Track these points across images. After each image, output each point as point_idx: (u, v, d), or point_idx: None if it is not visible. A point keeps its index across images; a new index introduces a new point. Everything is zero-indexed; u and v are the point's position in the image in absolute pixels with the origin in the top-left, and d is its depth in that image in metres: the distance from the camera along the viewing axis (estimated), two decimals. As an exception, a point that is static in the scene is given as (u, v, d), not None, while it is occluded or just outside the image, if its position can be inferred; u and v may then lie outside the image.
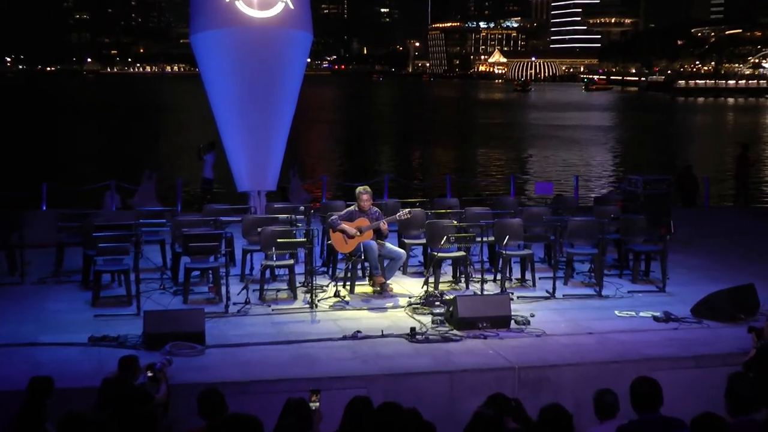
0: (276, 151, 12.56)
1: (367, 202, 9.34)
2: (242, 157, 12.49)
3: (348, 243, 9.29)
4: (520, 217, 10.38)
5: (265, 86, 11.99)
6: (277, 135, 12.46)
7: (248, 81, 11.90)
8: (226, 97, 12.18)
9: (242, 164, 12.55)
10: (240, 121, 12.21)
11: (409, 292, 9.26)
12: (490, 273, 9.96)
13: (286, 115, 12.59)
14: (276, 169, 12.85)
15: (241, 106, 12.06)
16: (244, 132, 12.26)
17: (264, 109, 12.08)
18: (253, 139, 12.25)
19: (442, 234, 9.32)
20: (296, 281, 9.11)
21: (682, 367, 6.99)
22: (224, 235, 9.42)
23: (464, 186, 22.36)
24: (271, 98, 12.08)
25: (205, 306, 8.14)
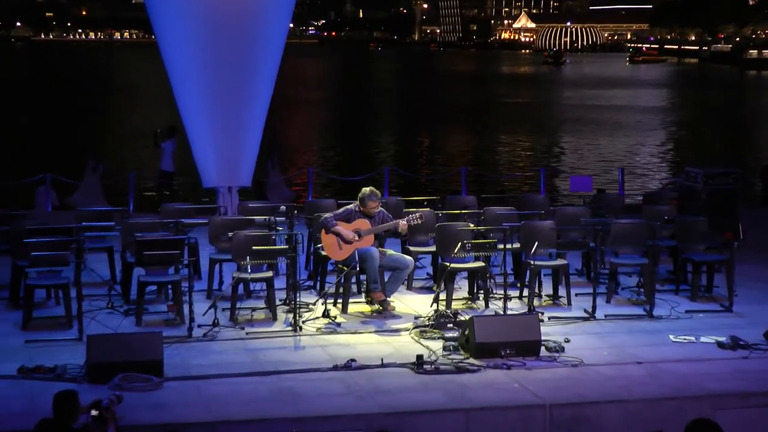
0: (251, 137, 12.61)
1: (375, 209, 9.39)
2: (209, 145, 12.53)
3: (343, 249, 9.32)
4: (551, 219, 10.42)
5: (237, 58, 11.99)
6: (253, 118, 12.51)
7: (216, 51, 11.91)
8: (189, 71, 12.19)
9: (209, 154, 12.59)
10: (206, 100, 12.24)
11: (416, 312, 9.29)
12: (515, 288, 9.97)
13: (264, 93, 12.62)
14: (251, 159, 12.90)
15: (208, 82, 12.08)
16: (211, 114, 12.30)
17: (236, 85, 12.12)
18: (222, 123, 12.30)
19: (456, 240, 9.34)
20: (276, 298, 9.14)
21: (752, 405, 7.01)
22: (187, 242, 9.44)
23: (483, 181, 22.41)
24: (244, 72, 12.10)
25: (164, 329, 8.16)
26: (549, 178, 20.35)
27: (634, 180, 24.77)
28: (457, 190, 16.54)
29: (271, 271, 9.30)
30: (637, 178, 25.35)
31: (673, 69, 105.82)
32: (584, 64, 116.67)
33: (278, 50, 12.43)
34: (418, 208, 10.82)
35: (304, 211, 11.44)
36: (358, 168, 23.23)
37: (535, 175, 19.65)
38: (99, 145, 31.47)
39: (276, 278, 9.51)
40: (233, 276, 9.11)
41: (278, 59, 12.56)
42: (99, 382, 6.98)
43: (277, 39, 12.37)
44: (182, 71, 12.26)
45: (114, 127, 39.13)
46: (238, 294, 9.19)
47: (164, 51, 12.36)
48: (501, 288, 9.18)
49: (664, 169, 28.10)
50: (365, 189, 9.44)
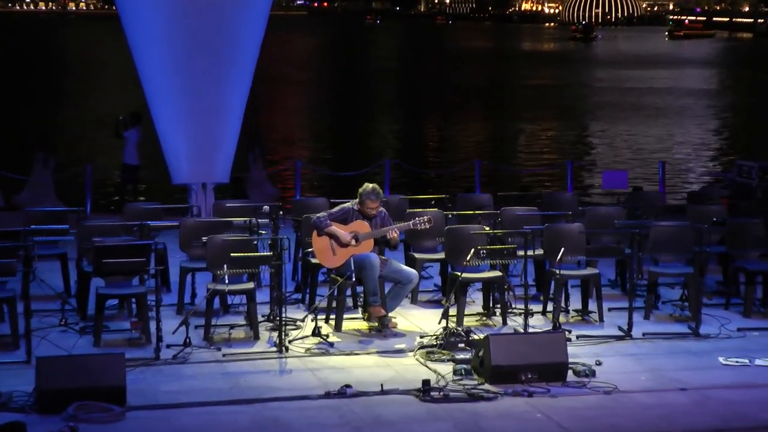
0: (229, 126, 12.66)
1: (374, 209, 9.42)
2: (180, 135, 12.59)
3: (337, 255, 9.33)
4: (580, 222, 10.43)
5: (213, 32, 12.03)
6: (231, 103, 12.57)
7: (188, 24, 11.95)
8: (157, 48, 12.22)
9: (180, 145, 12.64)
10: (176, 82, 12.28)
11: (421, 329, 9.30)
12: (538, 302, 9.99)
13: (243, 74, 12.66)
14: (229, 151, 12.93)
15: (178, 61, 12.13)
16: (182, 98, 12.35)
17: (211, 64, 12.14)
18: (195, 109, 12.36)
19: (469, 246, 9.34)
20: (258, 314, 9.15)
21: (815, 439, 7.05)
22: (154, 248, 9.43)
23: (500, 176, 22.41)
24: (221, 49, 12.15)
25: (127, 350, 8.16)
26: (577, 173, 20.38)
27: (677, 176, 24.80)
28: (470, 187, 16.54)
29: (252, 282, 9.31)
30: (680, 174, 25.37)
31: (723, 45, 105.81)
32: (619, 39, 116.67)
33: (260, 26, 12.47)
34: (425, 209, 10.83)
35: (291, 212, 11.45)
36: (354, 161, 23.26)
37: (561, 170, 19.64)
38: (51, 134, 31.44)
39: (258, 290, 9.51)
40: (208, 288, 9.10)
41: (260, 35, 12.59)
42: (51, 413, 6.98)
43: (259, 12, 12.41)
44: (149, 48, 12.27)
45: (68, 112, 39.09)
46: (214, 309, 9.19)
47: (127, 25, 12.39)
48: (521, 302, 9.19)
49: (712, 163, 28.11)
50: (367, 185, 9.46)
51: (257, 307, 9.11)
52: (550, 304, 9.60)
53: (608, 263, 10.91)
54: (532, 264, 10.52)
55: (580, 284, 10.05)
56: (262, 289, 10.20)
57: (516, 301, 9.69)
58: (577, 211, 11.28)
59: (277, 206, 9.99)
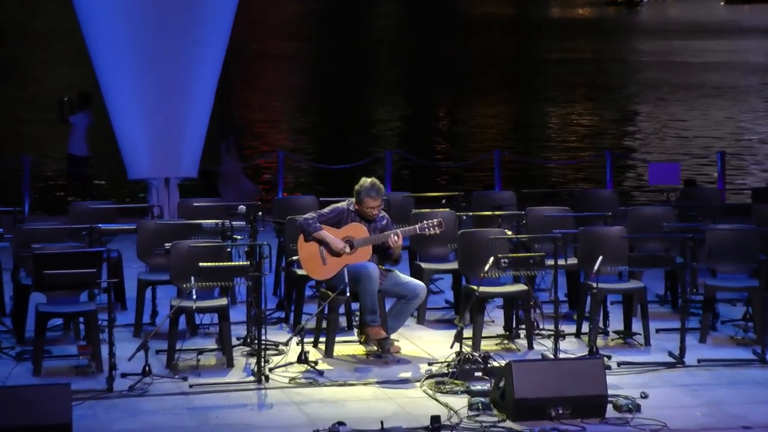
0: (197, 110, 12.73)
1: (375, 209, 9.39)
2: (139, 121, 12.66)
3: (328, 264, 9.33)
4: (622, 225, 10.43)
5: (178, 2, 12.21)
6: (199, 83, 12.67)
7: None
8: (112, 18, 12.31)
9: (138, 133, 12.67)
10: (135, 58, 12.38)
11: (429, 355, 9.31)
12: (571, 322, 9.99)
13: (214, 49, 12.72)
14: (197, 141, 12.96)
15: (137, 34, 12.26)
16: (141, 77, 12.45)
17: (176, 38, 12.29)
18: (157, 90, 12.47)
19: (487, 254, 9.32)
20: (232, 336, 9.13)
21: None
22: (106, 256, 9.43)
23: (524, 169, 22.39)
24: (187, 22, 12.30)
25: (74, 380, 8.16)
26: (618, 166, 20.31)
27: (739, 169, 24.76)
28: (489, 183, 16.52)
29: (225, 297, 9.32)
30: (743, 167, 25.32)
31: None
32: (667, 4, 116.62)
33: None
34: (434, 209, 10.83)
35: (273, 213, 11.47)
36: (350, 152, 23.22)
37: (598, 162, 19.61)
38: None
39: (232, 308, 9.52)
40: (172, 305, 9.10)
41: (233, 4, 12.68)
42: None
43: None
44: (101, 18, 12.35)
45: (1, 93, 39.09)
46: (179, 330, 9.18)
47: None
48: (550, 321, 9.18)
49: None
50: (365, 180, 9.44)
51: (231, 328, 9.09)
52: (586, 324, 9.59)
53: (656, 275, 10.88)
54: (564, 276, 10.51)
55: (621, 300, 10.04)
56: (238, 306, 10.20)
57: (544, 321, 9.67)
58: (617, 212, 11.29)
59: (255, 206, 10.00)
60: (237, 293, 10.50)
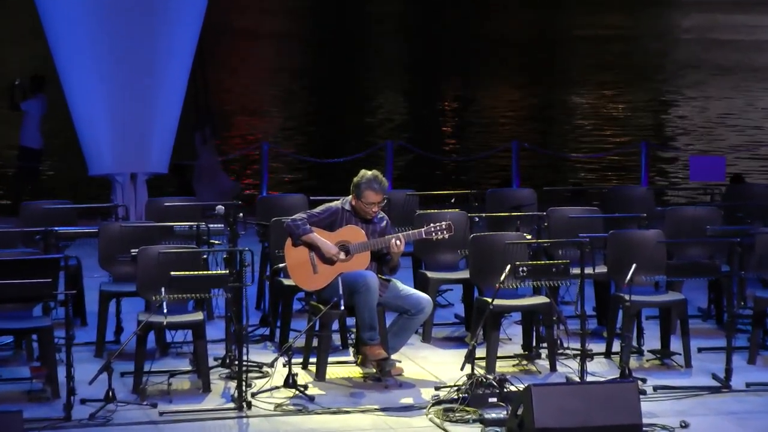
0: (168, 96, 12.80)
1: (375, 206, 9.38)
2: (101, 108, 12.71)
3: (319, 272, 9.31)
4: (659, 228, 10.40)
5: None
6: (171, 65, 12.76)
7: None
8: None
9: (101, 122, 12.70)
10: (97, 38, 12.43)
11: (437, 378, 9.32)
12: (600, 339, 9.97)
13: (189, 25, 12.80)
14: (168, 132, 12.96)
15: (100, 10, 12.37)
16: (104, 59, 12.52)
17: (143, 15, 12.39)
18: (122, 74, 12.55)
19: (503, 261, 9.33)
20: (209, 356, 9.13)
21: None
22: (63, 264, 9.41)
23: (546, 163, 22.37)
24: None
25: (26, 406, 8.13)
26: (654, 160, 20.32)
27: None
28: (505, 179, 16.51)
29: (200, 311, 9.29)
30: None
31: None
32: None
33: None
34: (441, 209, 10.82)
35: (256, 214, 11.46)
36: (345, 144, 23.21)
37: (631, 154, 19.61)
38: None
39: (209, 324, 9.51)
40: (139, 320, 9.08)
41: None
42: None
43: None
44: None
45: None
46: (148, 350, 9.14)
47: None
48: (576, 339, 9.17)
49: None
50: (365, 172, 9.42)
51: (208, 347, 9.07)
52: (617, 342, 9.56)
53: (698, 286, 10.85)
54: (592, 286, 10.49)
55: (658, 315, 10.03)
56: (215, 321, 10.19)
57: (569, 339, 9.65)
58: (654, 213, 11.29)
59: (235, 205, 9.97)
60: (214, 307, 10.48)
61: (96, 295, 9.98)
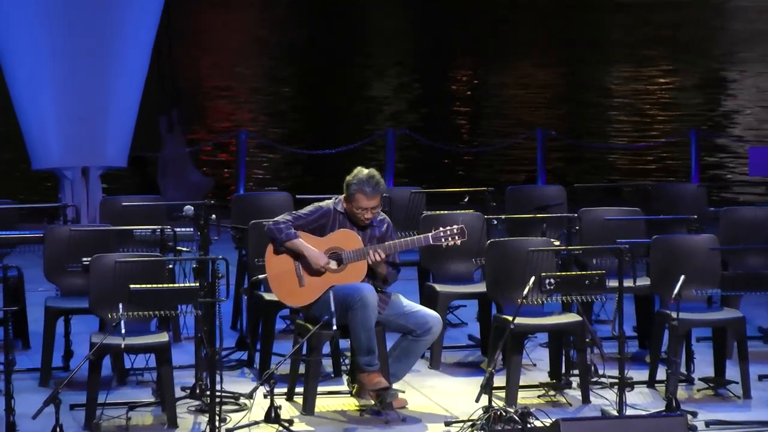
0: (126, 76, 12.91)
1: (368, 212, 9.36)
2: (48, 93, 12.81)
3: (307, 285, 9.33)
4: (712, 232, 10.42)
5: None
6: (130, 39, 12.87)
7: None
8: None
9: (47, 107, 12.79)
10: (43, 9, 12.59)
11: (447, 411, 9.33)
12: (642, 365, 9.98)
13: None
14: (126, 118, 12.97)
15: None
16: (52, 32, 12.63)
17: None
18: (72, 52, 12.67)
19: (526, 271, 9.34)
20: (175, 385, 9.13)
21: None
22: (2, 275, 9.44)
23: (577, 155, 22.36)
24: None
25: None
26: (706, 150, 20.29)
27: None
28: (529, 176, 16.51)
29: (165, 332, 9.28)
30: None
31: None
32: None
33: None
34: (452, 210, 10.82)
35: (232, 215, 11.50)
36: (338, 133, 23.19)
37: (678, 145, 19.61)
38: None
39: (176, 346, 9.52)
40: (92, 342, 9.04)
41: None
42: None
43: None
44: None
45: None
46: (103, 378, 9.14)
47: None
48: (613, 364, 9.17)
49: None
50: (360, 170, 9.40)
51: (174, 375, 9.06)
52: (662, 368, 9.55)
53: (758, 301, 10.86)
54: (632, 302, 10.49)
55: (711, 336, 10.00)
56: (183, 344, 10.18)
57: (605, 364, 9.60)
58: (706, 214, 11.31)
59: (207, 205, 9.94)
60: (182, 326, 10.47)
61: (41, 313, 9.97)
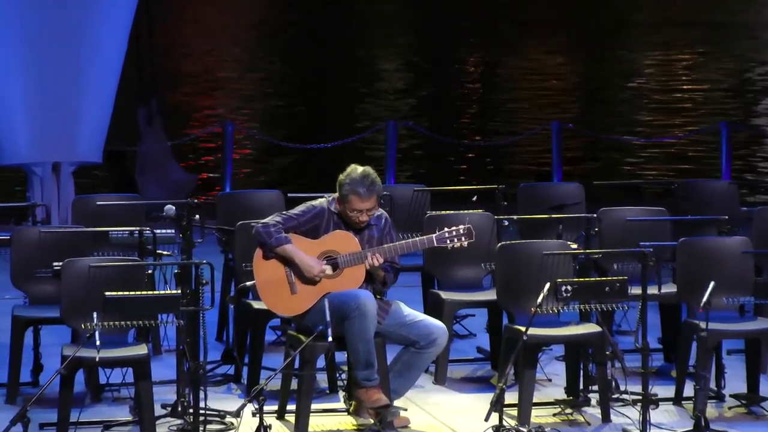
0: (101, 64, 12.99)
1: (363, 215, 9.35)
2: (16, 82, 12.92)
3: (299, 293, 9.34)
4: (745, 234, 10.43)
5: None
6: (105, 24, 12.98)
7: None
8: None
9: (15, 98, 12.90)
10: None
11: (454, 431, 9.32)
12: (668, 380, 9.98)
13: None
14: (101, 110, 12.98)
15: None
16: (23, 18, 12.74)
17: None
18: (43, 41, 12.78)
19: (541, 277, 9.34)
20: (155, 402, 9.10)
21: None
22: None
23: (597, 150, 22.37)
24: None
25: None
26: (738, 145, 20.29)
27: None
28: (543, 172, 16.51)
29: (144, 344, 9.28)
30: None
31: None
32: None
33: None
34: (459, 210, 10.82)
35: (217, 216, 11.53)
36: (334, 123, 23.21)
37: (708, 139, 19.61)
38: None
39: (155, 360, 9.57)
40: (64, 355, 9.03)
41: None
42: None
43: None
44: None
45: None
46: (75, 394, 9.14)
47: None
48: (636, 379, 9.19)
49: None
50: (353, 169, 9.39)
51: (154, 391, 9.04)
52: (689, 383, 9.55)
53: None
54: (657, 311, 10.50)
55: (744, 349, 9.99)
56: (163, 357, 10.20)
57: (627, 379, 9.60)
58: (738, 214, 11.36)
59: (189, 205, 9.92)
60: (162, 338, 10.46)
61: (8, 323, 9.98)
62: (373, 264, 9.23)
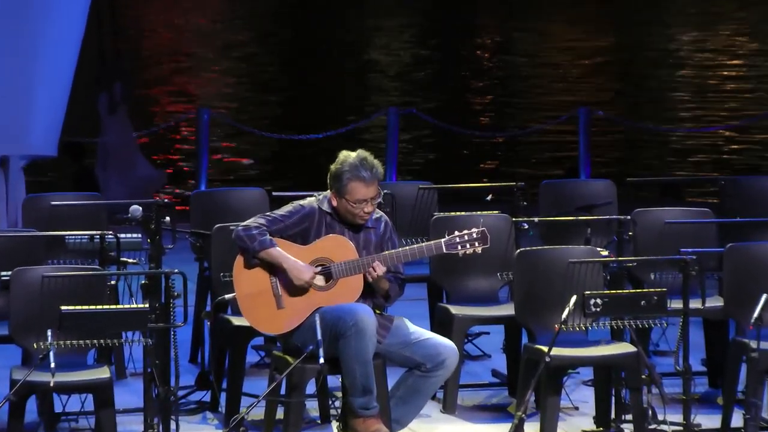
0: (56, 47, 13.02)
1: (368, 205, 9.34)
2: None
3: (286, 306, 9.33)
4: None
5: None
6: (61, 10, 12.96)
7: None
8: None
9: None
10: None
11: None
12: (714, 408, 9.97)
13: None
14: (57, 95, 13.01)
15: None
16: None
17: None
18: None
19: (566, 290, 9.32)
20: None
21: None
22: None
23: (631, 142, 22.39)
24: None
25: None
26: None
27: None
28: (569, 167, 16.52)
29: (106, 366, 9.27)
30: None
31: None
32: None
33: None
34: (472, 212, 10.82)
35: (191, 218, 11.61)
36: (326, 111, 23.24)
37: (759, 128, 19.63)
38: None
39: (119, 384, 9.57)
40: (14, 379, 9.03)
41: None
42: None
43: None
44: None
45: None
46: (27, 424, 9.16)
47: None
48: (677, 407, 9.20)
49: None
50: (345, 156, 9.35)
51: (117, 420, 9.05)
52: (738, 411, 9.52)
53: None
54: (700, 328, 10.48)
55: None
56: (128, 381, 10.21)
57: (666, 408, 9.56)
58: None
59: (158, 205, 9.89)
60: (127, 359, 10.45)
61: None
62: (374, 276, 9.19)
